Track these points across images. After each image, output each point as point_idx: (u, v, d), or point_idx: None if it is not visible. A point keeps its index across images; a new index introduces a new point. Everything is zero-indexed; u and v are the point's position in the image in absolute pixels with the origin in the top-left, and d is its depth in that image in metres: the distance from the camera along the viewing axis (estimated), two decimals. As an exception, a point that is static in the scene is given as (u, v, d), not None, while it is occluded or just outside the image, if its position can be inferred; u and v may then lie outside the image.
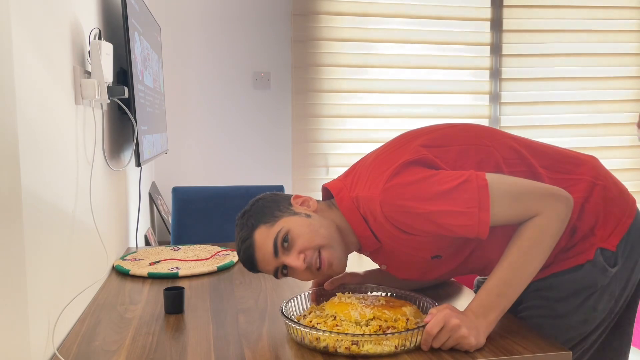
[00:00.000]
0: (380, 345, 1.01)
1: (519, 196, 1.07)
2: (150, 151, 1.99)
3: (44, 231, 1.04)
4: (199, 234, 2.31)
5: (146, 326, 1.19)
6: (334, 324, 1.06)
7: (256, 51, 3.33)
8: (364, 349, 1.01)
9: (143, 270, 1.59)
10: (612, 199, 1.19)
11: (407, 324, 1.06)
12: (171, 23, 3.23)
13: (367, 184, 1.14)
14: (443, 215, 1.06)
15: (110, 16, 1.79)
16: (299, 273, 1.16)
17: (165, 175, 3.33)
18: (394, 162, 1.11)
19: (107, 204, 1.62)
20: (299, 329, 1.05)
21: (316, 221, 1.16)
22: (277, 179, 3.40)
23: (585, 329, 1.19)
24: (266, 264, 1.16)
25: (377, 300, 1.14)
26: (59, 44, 1.20)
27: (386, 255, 1.22)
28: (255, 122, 3.40)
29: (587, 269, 1.17)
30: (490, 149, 1.18)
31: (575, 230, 1.19)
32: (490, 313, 1.05)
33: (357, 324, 1.06)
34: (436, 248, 1.16)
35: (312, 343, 1.04)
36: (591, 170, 1.20)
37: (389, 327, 1.05)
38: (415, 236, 1.12)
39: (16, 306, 0.90)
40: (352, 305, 1.10)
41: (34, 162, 1.00)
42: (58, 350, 1.07)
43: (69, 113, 1.25)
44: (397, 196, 1.08)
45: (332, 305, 1.12)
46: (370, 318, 1.06)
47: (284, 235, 1.13)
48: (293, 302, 1.20)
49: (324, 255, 1.14)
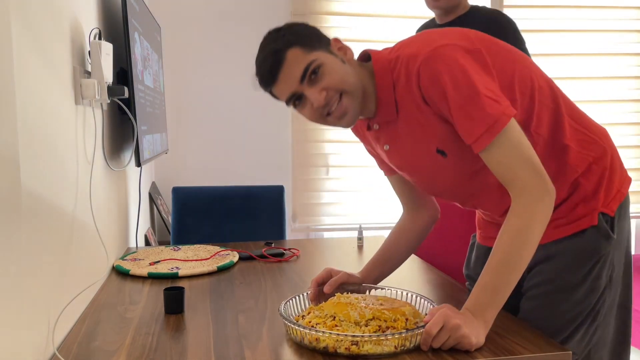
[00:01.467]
0: (380, 346, 1.01)
1: (521, 156, 1.07)
2: (150, 151, 1.99)
3: (43, 231, 1.04)
4: (199, 234, 2.31)
5: (146, 326, 1.19)
6: (333, 324, 1.06)
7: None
8: (363, 349, 1.00)
9: (143, 270, 1.59)
10: (616, 169, 1.22)
11: (407, 324, 1.06)
12: (171, 23, 3.23)
13: (416, 45, 1.13)
14: (461, 108, 1.07)
15: (110, 16, 1.79)
16: (311, 110, 1.14)
17: (165, 175, 3.33)
18: (451, 40, 1.11)
19: (107, 204, 1.62)
20: (298, 330, 1.05)
21: (348, 69, 1.14)
22: (277, 179, 3.40)
23: (591, 300, 1.19)
24: (286, 85, 1.13)
25: (376, 300, 1.14)
26: (59, 44, 1.20)
27: (394, 134, 1.22)
28: (255, 122, 3.40)
29: (591, 234, 1.18)
30: (530, 73, 1.18)
31: (577, 187, 1.19)
32: (487, 311, 1.05)
33: (356, 324, 1.06)
34: (442, 140, 1.15)
35: (312, 343, 1.04)
36: (605, 138, 1.24)
37: (388, 327, 1.05)
38: (428, 118, 1.13)
39: (16, 306, 0.90)
40: (352, 305, 1.10)
41: (34, 162, 1.00)
42: (58, 350, 1.07)
43: (69, 113, 1.25)
44: (441, 62, 1.07)
45: (331, 306, 1.12)
46: (370, 318, 1.06)
47: (317, 66, 1.11)
48: (292, 303, 1.20)
49: (344, 100, 1.13)
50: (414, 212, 1.41)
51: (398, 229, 1.43)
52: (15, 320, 0.90)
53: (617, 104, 3.69)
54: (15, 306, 0.90)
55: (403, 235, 1.42)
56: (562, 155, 1.19)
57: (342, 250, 1.94)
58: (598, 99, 3.66)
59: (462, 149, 1.14)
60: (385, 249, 1.41)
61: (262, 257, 1.77)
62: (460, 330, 1.01)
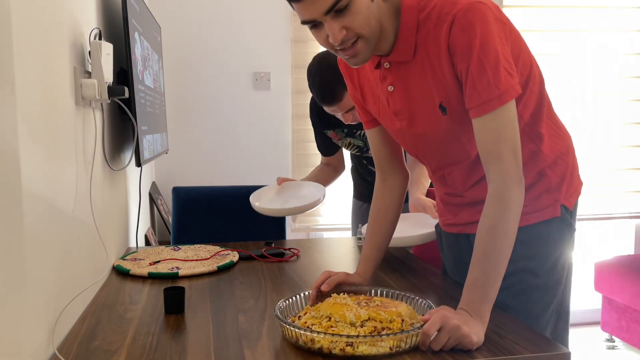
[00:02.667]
0: (375, 347, 1.00)
1: (510, 137, 1.11)
2: (150, 151, 2.00)
3: (44, 231, 1.04)
4: (199, 234, 2.31)
5: (146, 326, 1.19)
6: (328, 325, 1.06)
7: (256, 51, 3.33)
8: (358, 350, 1.00)
9: (143, 270, 1.59)
10: (576, 168, 1.32)
11: (403, 325, 1.06)
12: (171, 23, 3.23)
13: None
14: (480, 68, 1.08)
15: (110, 16, 1.79)
16: (325, 41, 1.13)
17: (165, 175, 3.33)
18: (488, 2, 1.12)
19: (107, 204, 1.62)
20: (293, 330, 1.05)
21: (374, 9, 1.12)
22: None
23: (557, 290, 1.27)
24: (311, 8, 1.07)
25: (372, 301, 1.14)
26: (59, 44, 1.20)
27: (403, 77, 1.21)
28: (255, 122, 3.40)
29: (556, 224, 1.26)
30: (530, 59, 1.23)
31: (543, 176, 1.25)
32: (481, 307, 1.06)
33: (352, 325, 1.05)
34: (447, 96, 1.17)
35: (307, 344, 1.03)
36: (569, 139, 1.33)
37: (384, 328, 1.04)
38: (443, 68, 1.14)
39: (16, 306, 0.90)
40: (347, 306, 1.09)
41: (34, 163, 1.00)
42: (58, 350, 1.07)
43: (69, 113, 1.25)
44: (479, 17, 1.09)
45: (327, 306, 1.12)
46: (365, 319, 1.06)
47: (347, 3, 1.07)
48: (288, 303, 1.20)
49: (358, 44, 1.13)
50: (388, 175, 1.43)
51: (377, 210, 1.44)
52: (15, 320, 0.90)
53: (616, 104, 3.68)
54: (15, 306, 0.90)
55: (383, 211, 1.43)
56: (537, 140, 1.25)
57: (342, 250, 1.94)
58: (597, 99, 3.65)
59: (462, 113, 1.16)
60: (373, 236, 1.42)
61: (262, 257, 1.77)
62: (460, 330, 1.01)
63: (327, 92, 1.77)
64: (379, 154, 1.44)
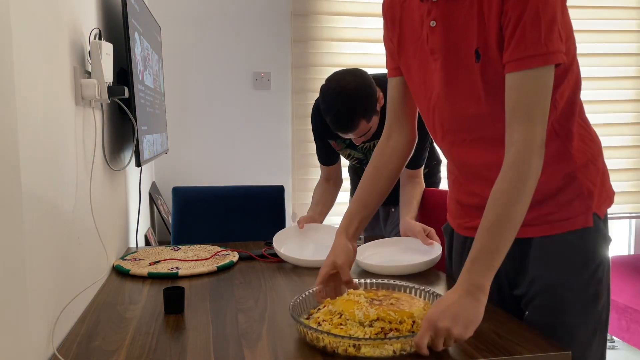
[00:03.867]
0: (379, 349, 0.99)
1: (542, 103, 1.04)
2: (150, 151, 2.00)
3: (44, 231, 1.04)
4: (199, 234, 2.31)
5: (146, 326, 1.19)
6: (338, 323, 1.05)
7: (256, 51, 3.33)
8: (361, 351, 0.99)
9: (143, 270, 1.59)
10: (607, 175, 1.24)
11: (413, 326, 1.03)
12: (171, 23, 3.23)
13: None
14: (534, 20, 1.01)
15: (110, 16, 1.79)
16: None
17: (165, 175, 3.33)
18: None
19: (107, 204, 1.62)
20: (299, 326, 1.06)
21: None
22: (277, 179, 3.40)
23: (596, 305, 1.17)
24: None
25: (389, 298, 1.11)
26: (59, 44, 1.20)
27: (449, 14, 1.15)
28: (255, 122, 3.40)
29: (590, 233, 1.16)
30: (575, 49, 1.16)
31: (573, 180, 1.17)
32: (485, 276, 1.01)
33: (360, 324, 1.03)
34: (487, 43, 1.09)
35: (312, 342, 1.04)
36: (599, 143, 1.25)
37: (392, 329, 1.02)
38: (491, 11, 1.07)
39: (16, 306, 0.90)
40: (358, 304, 1.07)
41: (34, 162, 1.00)
42: (58, 350, 1.07)
43: (69, 113, 1.25)
44: None
45: (341, 302, 1.10)
46: (374, 319, 1.03)
47: None
48: (309, 295, 1.20)
49: None
50: (394, 132, 1.37)
51: (372, 167, 1.36)
52: (15, 320, 0.90)
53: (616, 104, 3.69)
54: (15, 306, 0.90)
55: (379, 169, 1.35)
56: (566, 140, 1.17)
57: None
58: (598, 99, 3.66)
59: (494, 67, 1.09)
60: (362, 192, 1.34)
61: (262, 257, 1.77)
62: (451, 333, 0.97)
63: (344, 122, 1.75)
64: (393, 106, 1.37)
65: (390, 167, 1.36)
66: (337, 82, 1.78)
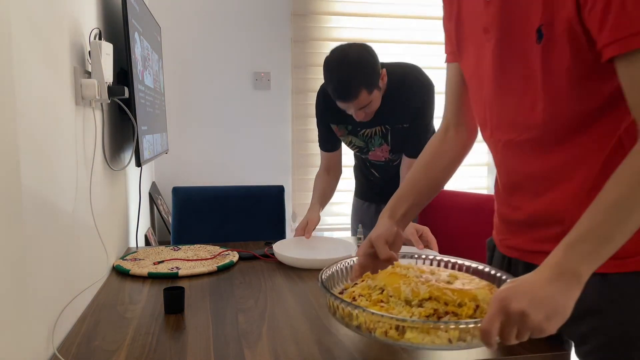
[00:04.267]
0: (430, 336, 0.76)
1: None
2: (150, 151, 2.00)
3: (44, 231, 1.04)
4: (199, 234, 2.31)
5: (146, 326, 1.19)
6: (378, 300, 0.85)
7: (256, 51, 3.33)
8: (406, 337, 0.77)
9: (143, 270, 1.59)
10: None
11: (476, 312, 0.80)
12: (171, 23, 3.23)
13: None
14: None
15: (110, 16, 1.79)
16: None
17: (165, 175, 3.34)
18: None
19: (107, 204, 1.62)
20: (330, 299, 0.86)
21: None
22: (277, 179, 3.40)
23: None
24: None
25: (447, 275, 0.89)
26: (59, 44, 1.20)
27: None
28: (255, 122, 3.40)
29: None
30: None
31: None
32: (585, 262, 0.79)
33: (406, 303, 0.82)
34: (551, 19, 0.89)
35: (344, 319, 0.84)
36: None
37: (448, 312, 0.80)
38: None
39: (16, 306, 0.90)
40: (407, 278, 0.86)
41: (34, 162, 1.00)
42: (58, 350, 1.07)
43: (69, 113, 1.25)
44: None
45: (384, 276, 0.89)
46: (426, 297, 0.82)
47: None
48: (345, 268, 1.02)
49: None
50: (455, 120, 1.21)
51: (423, 163, 1.21)
52: (15, 320, 0.90)
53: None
54: (15, 306, 0.90)
55: (431, 164, 1.19)
56: None
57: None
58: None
59: (560, 50, 0.89)
60: (414, 179, 1.19)
61: (264, 256, 1.77)
62: (528, 321, 0.76)
63: (345, 89, 1.77)
64: (450, 95, 1.22)
65: (445, 159, 1.20)
66: (341, 51, 1.81)
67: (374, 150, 2.06)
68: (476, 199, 2.12)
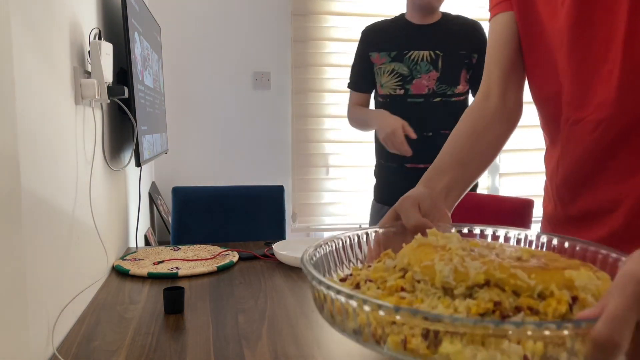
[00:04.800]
0: (487, 349, 0.42)
1: None
2: (150, 151, 2.00)
3: (44, 231, 1.04)
4: (199, 234, 2.31)
5: (146, 326, 1.19)
6: (396, 287, 0.52)
7: (256, 51, 3.33)
8: (442, 350, 0.43)
9: (143, 270, 1.59)
10: None
11: (574, 308, 0.47)
12: (171, 23, 3.23)
13: None
14: None
15: (110, 16, 1.79)
16: None
17: (165, 175, 3.34)
18: None
19: (107, 204, 1.62)
20: (315, 286, 0.52)
21: None
22: (277, 179, 3.40)
23: None
24: None
25: (514, 251, 0.56)
26: (59, 44, 1.20)
27: None
28: (255, 122, 3.40)
29: None
30: None
31: None
32: None
33: (445, 292, 0.50)
34: None
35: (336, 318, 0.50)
36: None
37: (521, 308, 0.46)
38: None
39: (16, 306, 0.90)
40: (445, 251, 0.54)
41: (34, 162, 1.00)
42: (58, 350, 1.07)
43: (69, 113, 1.25)
44: None
45: (409, 251, 0.57)
46: (479, 283, 0.48)
47: None
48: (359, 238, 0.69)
49: None
50: (498, 94, 0.98)
51: (471, 128, 0.96)
52: (15, 320, 0.90)
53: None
54: (15, 306, 0.90)
55: (475, 134, 0.95)
56: None
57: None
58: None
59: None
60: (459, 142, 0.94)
61: (265, 256, 1.77)
62: None
63: None
64: (496, 57, 0.98)
65: (491, 134, 0.96)
66: None
67: (420, 78, 1.99)
68: (476, 198, 2.12)
